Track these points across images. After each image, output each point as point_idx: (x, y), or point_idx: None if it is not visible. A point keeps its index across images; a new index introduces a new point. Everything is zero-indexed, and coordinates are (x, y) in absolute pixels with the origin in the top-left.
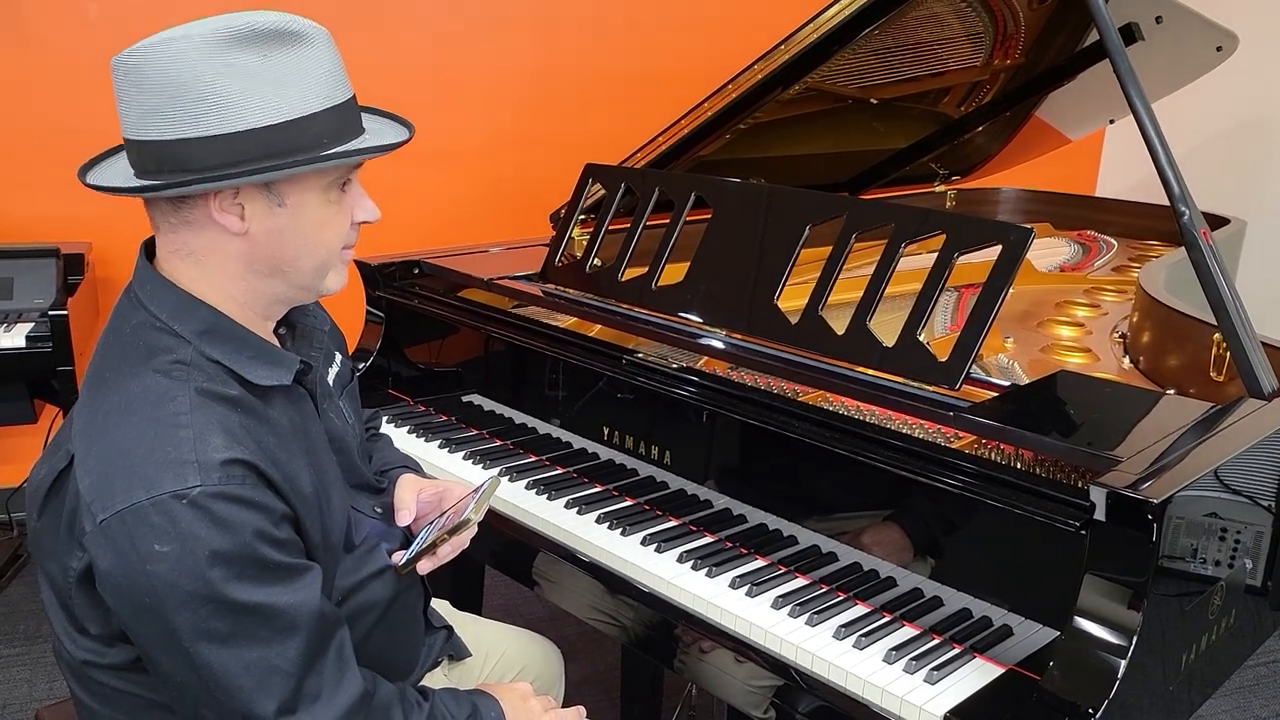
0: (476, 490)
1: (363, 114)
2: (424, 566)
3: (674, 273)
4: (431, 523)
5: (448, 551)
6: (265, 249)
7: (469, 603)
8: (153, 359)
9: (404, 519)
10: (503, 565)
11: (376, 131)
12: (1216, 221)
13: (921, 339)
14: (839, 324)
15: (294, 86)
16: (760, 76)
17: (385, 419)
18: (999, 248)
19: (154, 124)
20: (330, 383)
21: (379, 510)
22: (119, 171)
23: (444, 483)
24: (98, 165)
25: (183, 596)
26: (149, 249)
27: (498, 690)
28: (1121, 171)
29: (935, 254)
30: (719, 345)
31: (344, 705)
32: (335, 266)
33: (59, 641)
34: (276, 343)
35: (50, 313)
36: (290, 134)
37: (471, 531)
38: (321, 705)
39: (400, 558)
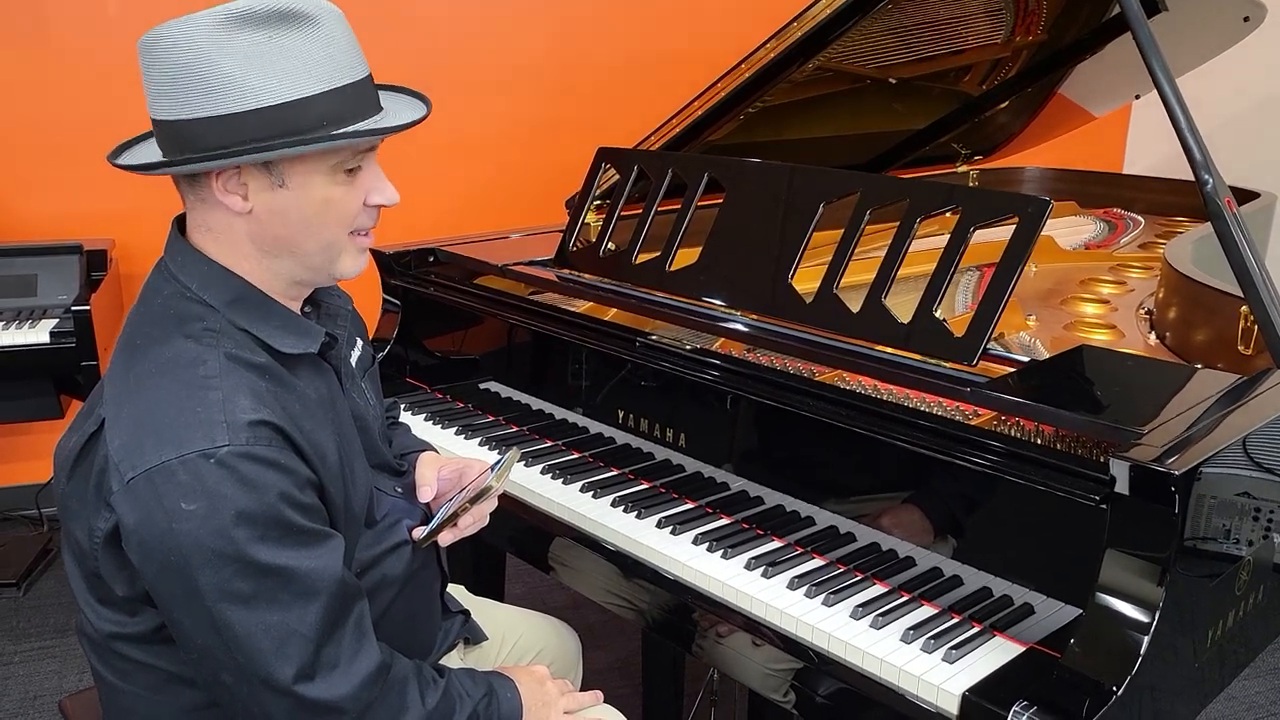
0: (497, 463)
1: (384, 92)
2: (445, 538)
3: (688, 256)
4: (451, 498)
5: (468, 523)
6: (270, 229)
7: (490, 590)
8: (183, 326)
9: (425, 495)
10: (520, 550)
11: (394, 112)
12: (1246, 196)
13: (938, 315)
14: (855, 304)
15: (294, 68)
16: (773, 55)
17: (403, 406)
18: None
19: (167, 104)
20: (353, 364)
21: (399, 490)
22: (151, 150)
23: (464, 460)
24: (134, 147)
25: (207, 555)
26: (180, 223)
27: (515, 673)
28: (1148, 148)
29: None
30: (734, 326)
31: (361, 675)
32: (347, 250)
33: (81, 614)
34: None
35: (74, 309)
36: (288, 115)
37: (492, 504)
38: (339, 674)
39: (421, 532)
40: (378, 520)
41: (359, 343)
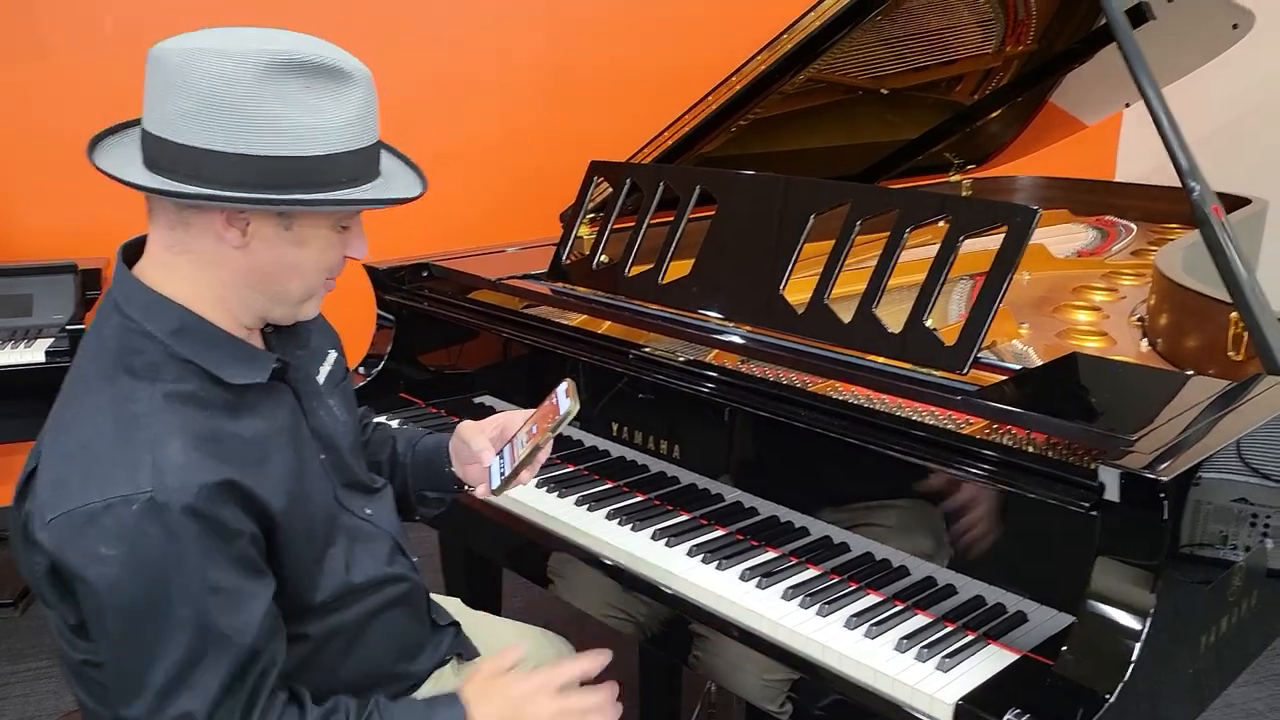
0: (554, 394)
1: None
2: (525, 477)
3: (681, 268)
4: (501, 451)
5: (543, 457)
6: (262, 266)
7: (487, 603)
8: (122, 360)
9: (487, 459)
10: (516, 565)
11: (390, 172)
12: (1237, 202)
13: (929, 324)
14: (847, 314)
15: (329, 123)
16: (764, 67)
17: (398, 423)
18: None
19: (184, 128)
20: (320, 381)
21: (369, 511)
22: (129, 157)
23: (500, 417)
24: (108, 139)
25: (120, 603)
26: (126, 253)
27: (467, 687)
28: (1140, 156)
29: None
30: (727, 338)
31: None
32: (317, 294)
33: (60, 643)
34: (260, 340)
35: (69, 328)
36: (318, 168)
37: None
38: None
39: (485, 489)
40: (340, 542)
41: (331, 355)
